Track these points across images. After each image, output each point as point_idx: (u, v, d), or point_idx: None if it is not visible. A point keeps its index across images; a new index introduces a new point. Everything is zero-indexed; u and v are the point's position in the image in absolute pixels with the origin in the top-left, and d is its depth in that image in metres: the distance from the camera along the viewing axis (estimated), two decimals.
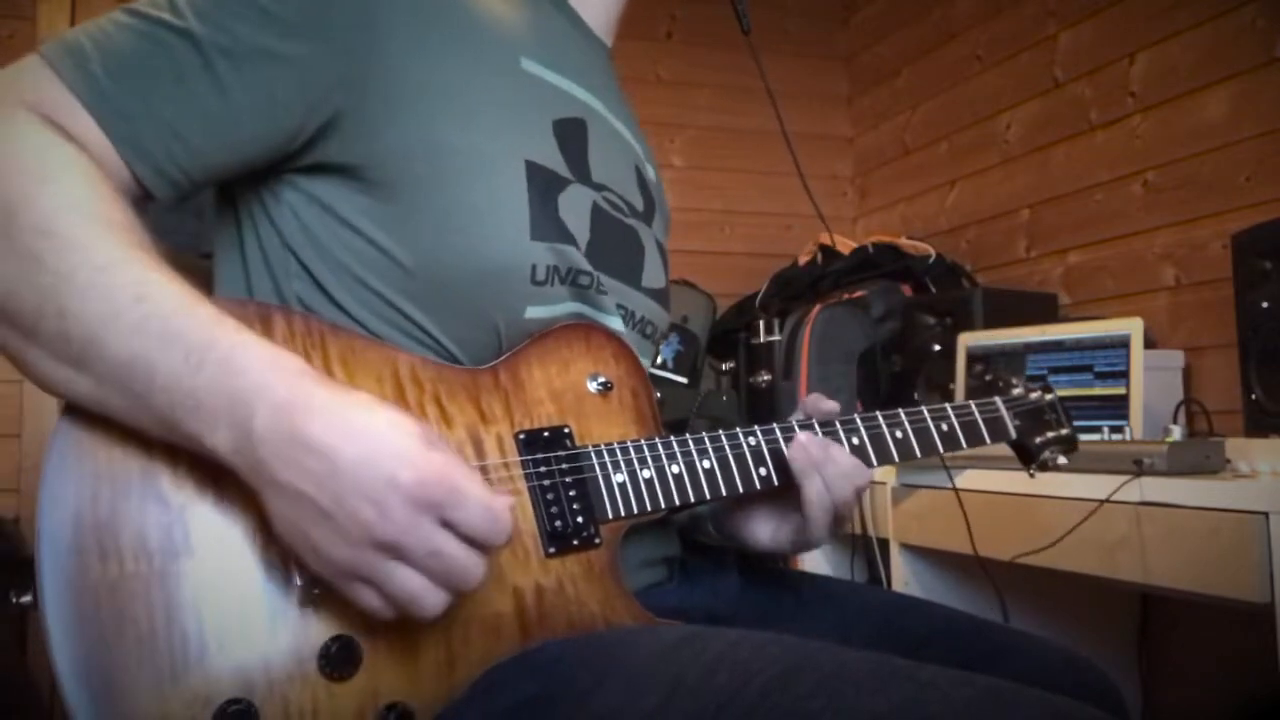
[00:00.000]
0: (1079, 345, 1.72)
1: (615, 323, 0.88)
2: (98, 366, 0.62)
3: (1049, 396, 1.04)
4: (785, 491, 0.85)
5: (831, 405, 0.90)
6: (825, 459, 0.83)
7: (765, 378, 2.27)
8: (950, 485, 1.34)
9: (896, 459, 0.90)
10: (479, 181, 0.78)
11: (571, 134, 0.86)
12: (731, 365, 2.43)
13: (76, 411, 0.65)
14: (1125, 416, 1.61)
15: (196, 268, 0.89)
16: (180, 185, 0.72)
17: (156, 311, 0.61)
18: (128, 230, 0.64)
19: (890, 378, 2.18)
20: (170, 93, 0.69)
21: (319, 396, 0.60)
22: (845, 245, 2.53)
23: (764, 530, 0.89)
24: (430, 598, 0.61)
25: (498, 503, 0.61)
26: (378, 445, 0.59)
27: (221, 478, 0.64)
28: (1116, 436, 1.59)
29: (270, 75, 0.71)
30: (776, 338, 2.27)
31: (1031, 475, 1.03)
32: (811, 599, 0.93)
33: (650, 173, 1.02)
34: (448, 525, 0.60)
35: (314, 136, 0.75)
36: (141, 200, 0.71)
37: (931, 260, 2.40)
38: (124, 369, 0.61)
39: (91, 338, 0.61)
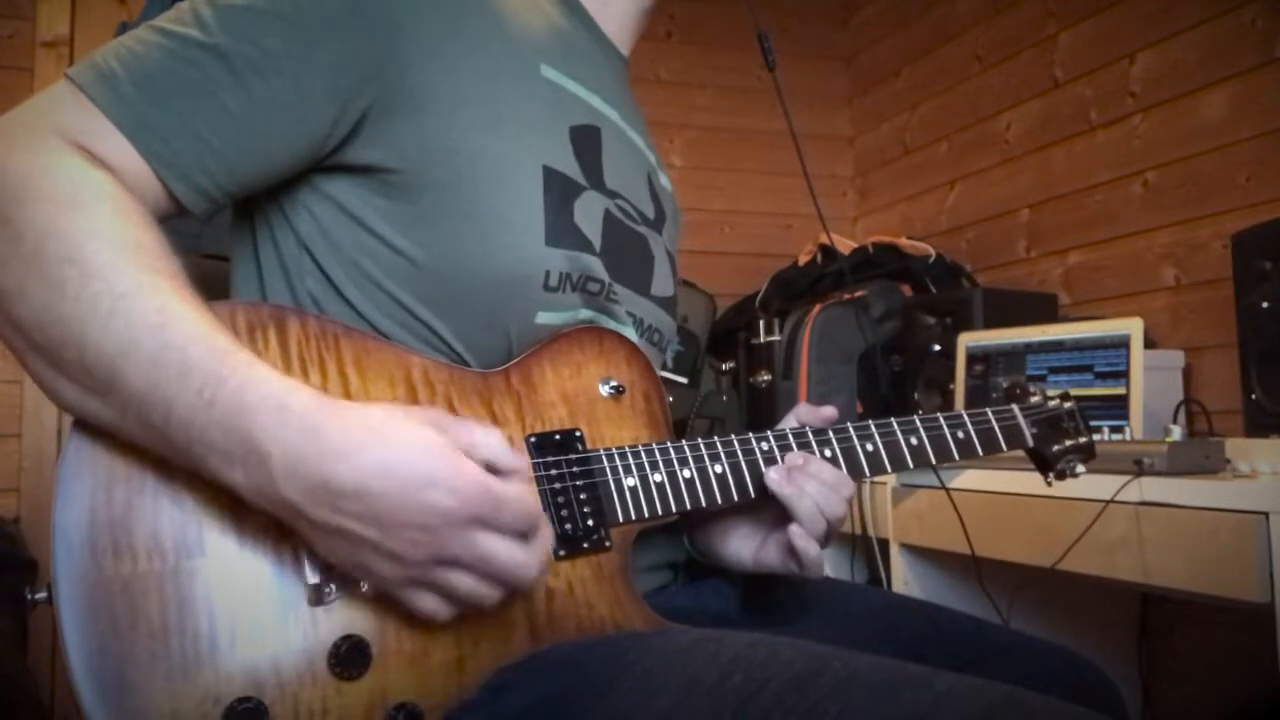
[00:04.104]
0: (1079, 345, 1.72)
1: (629, 331, 0.88)
2: (119, 397, 0.61)
3: (1068, 404, 1.03)
4: (770, 508, 0.84)
5: (830, 411, 0.90)
6: (808, 476, 0.82)
7: (765, 378, 2.27)
8: (943, 486, 1.34)
9: (911, 466, 0.90)
10: (498, 186, 0.78)
11: (587, 141, 0.87)
12: (731, 365, 2.43)
13: None
14: (1125, 416, 1.62)
15: (194, 268, 0.89)
16: (216, 200, 0.72)
17: (174, 341, 0.61)
18: (154, 255, 0.64)
19: (890, 378, 2.18)
20: (202, 109, 0.69)
21: (334, 434, 0.60)
22: (845, 245, 2.53)
23: (746, 549, 0.88)
24: (490, 597, 0.64)
25: (527, 498, 0.64)
26: (410, 474, 0.60)
27: None
28: (1116, 436, 1.59)
29: (300, 84, 0.72)
30: (776, 338, 2.27)
31: (1049, 484, 1.03)
32: (815, 600, 0.93)
33: (662, 180, 1.02)
34: (494, 529, 0.62)
35: (342, 140, 0.75)
36: (176, 217, 0.71)
37: (931, 260, 2.40)
38: (143, 400, 0.61)
39: (111, 368, 0.61)
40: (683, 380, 2.39)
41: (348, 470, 0.59)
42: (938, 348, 2.03)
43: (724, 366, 2.46)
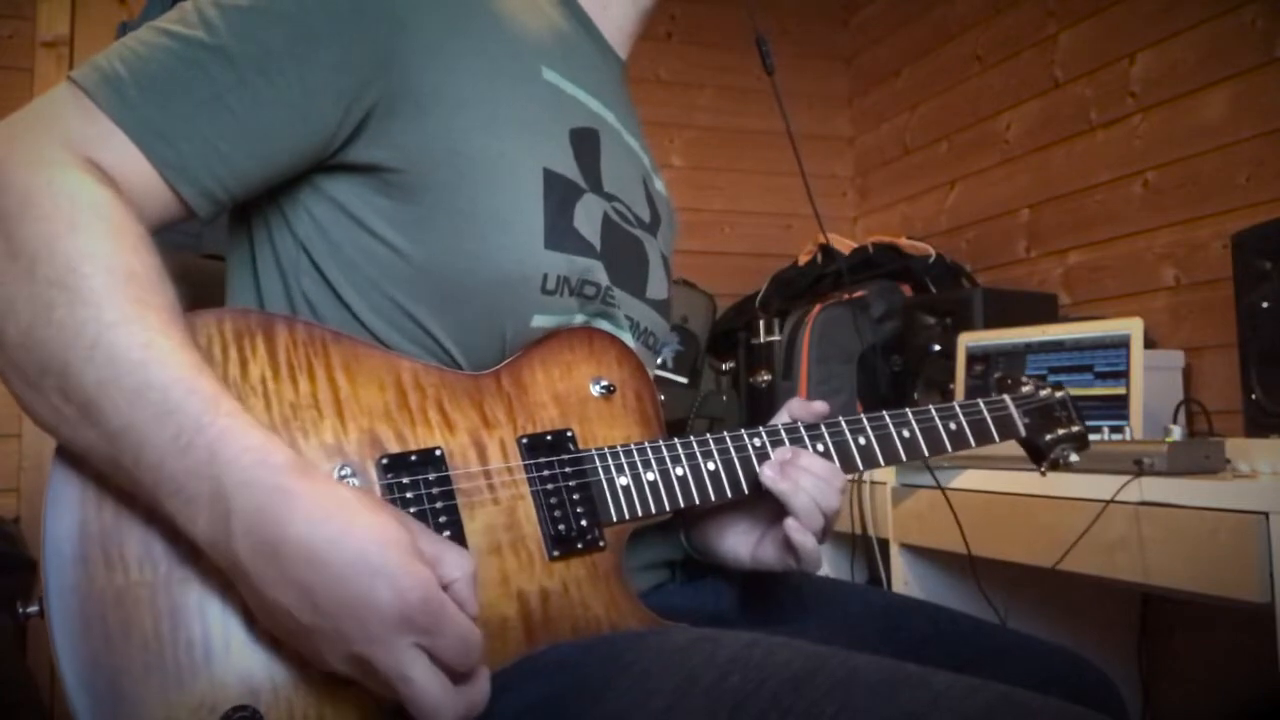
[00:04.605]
0: (1079, 345, 1.72)
1: (626, 336, 0.88)
2: (92, 432, 0.60)
3: (1059, 394, 1.03)
4: (766, 504, 0.84)
5: (820, 406, 0.89)
6: (801, 471, 0.81)
7: (765, 378, 2.27)
8: (938, 486, 1.34)
9: (904, 458, 0.89)
10: (498, 187, 0.78)
11: (586, 143, 0.87)
12: (731, 365, 2.43)
13: None
14: (1125, 416, 1.61)
15: (194, 268, 0.88)
16: (222, 203, 0.72)
17: (156, 381, 0.59)
18: (146, 285, 0.62)
19: (890, 378, 2.18)
20: (208, 111, 0.69)
21: (301, 499, 0.57)
22: (845, 245, 2.53)
23: (743, 545, 0.88)
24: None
25: (474, 634, 0.59)
26: (360, 557, 0.57)
27: None
28: (1116, 436, 1.59)
29: (305, 83, 0.71)
30: (776, 338, 2.27)
31: (1043, 473, 1.02)
32: (813, 599, 0.93)
33: (658, 185, 1.02)
34: (426, 648, 0.58)
35: (346, 140, 0.75)
36: (183, 221, 0.71)
37: (931, 260, 2.40)
38: (116, 438, 0.59)
39: (89, 399, 0.59)
40: (683, 380, 2.39)
41: (303, 536, 0.57)
42: (938, 348, 2.03)
43: (724, 366, 2.45)
